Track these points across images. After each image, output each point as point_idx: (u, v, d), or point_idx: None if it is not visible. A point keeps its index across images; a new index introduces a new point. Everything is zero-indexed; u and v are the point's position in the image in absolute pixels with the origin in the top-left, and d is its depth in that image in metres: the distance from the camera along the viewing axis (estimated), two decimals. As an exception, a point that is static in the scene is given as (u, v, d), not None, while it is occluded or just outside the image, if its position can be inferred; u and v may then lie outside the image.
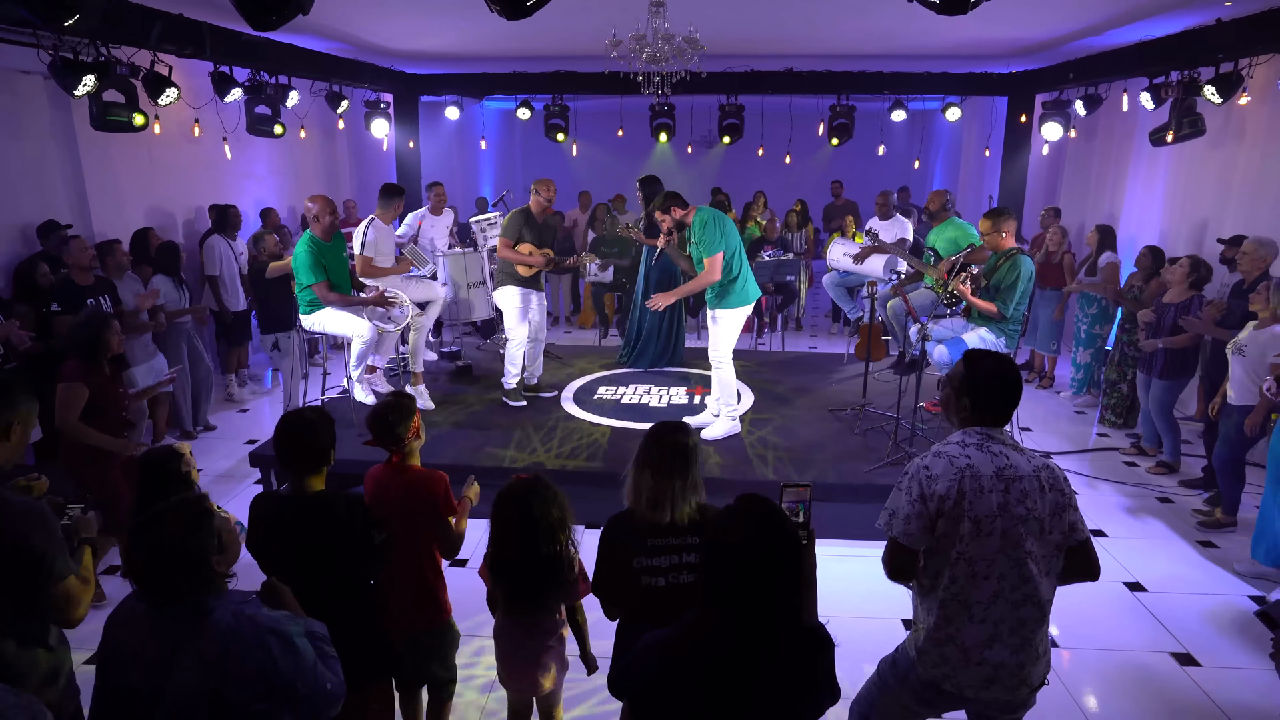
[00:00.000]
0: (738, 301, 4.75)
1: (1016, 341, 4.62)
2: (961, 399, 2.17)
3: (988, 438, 2.13)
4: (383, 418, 2.63)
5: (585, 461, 4.80)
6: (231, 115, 6.98)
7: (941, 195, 5.50)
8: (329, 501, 2.44)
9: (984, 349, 2.26)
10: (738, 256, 4.76)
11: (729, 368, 4.96)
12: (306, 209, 4.90)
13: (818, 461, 4.78)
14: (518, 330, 5.55)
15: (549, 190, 5.51)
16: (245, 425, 6.36)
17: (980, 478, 2.05)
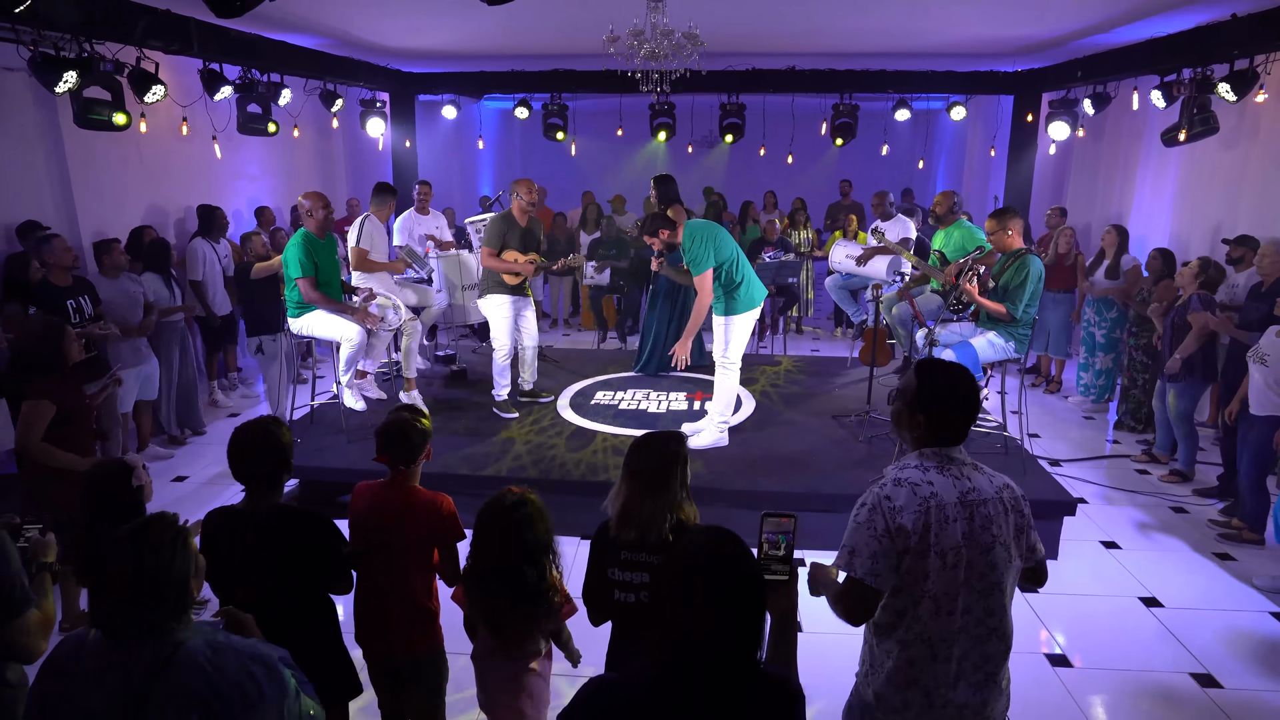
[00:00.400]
0: (743, 307, 4.65)
1: (1027, 345, 4.47)
2: (915, 416, 1.96)
3: (947, 459, 1.93)
4: (405, 435, 2.47)
5: (581, 470, 4.66)
6: (222, 114, 6.84)
7: (950, 197, 5.35)
8: (291, 516, 2.30)
9: (936, 359, 2.06)
10: (737, 263, 4.63)
11: (734, 375, 4.81)
12: (300, 205, 4.78)
13: (820, 469, 4.63)
14: (504, 341, 5.38)
15: (530, 192, 5.30)
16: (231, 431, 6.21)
17: (945, 506, 1.86)
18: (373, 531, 2.47)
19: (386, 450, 2.48)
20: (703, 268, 4.49)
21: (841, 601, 1.95)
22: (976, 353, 4.32)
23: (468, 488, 4.60)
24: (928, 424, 1.95)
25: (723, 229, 4.76)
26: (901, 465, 1.98)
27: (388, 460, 2.48)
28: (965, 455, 1.97)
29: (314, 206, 4.74)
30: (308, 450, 4.90)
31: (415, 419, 2.53)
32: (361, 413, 5.10)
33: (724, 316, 4.68)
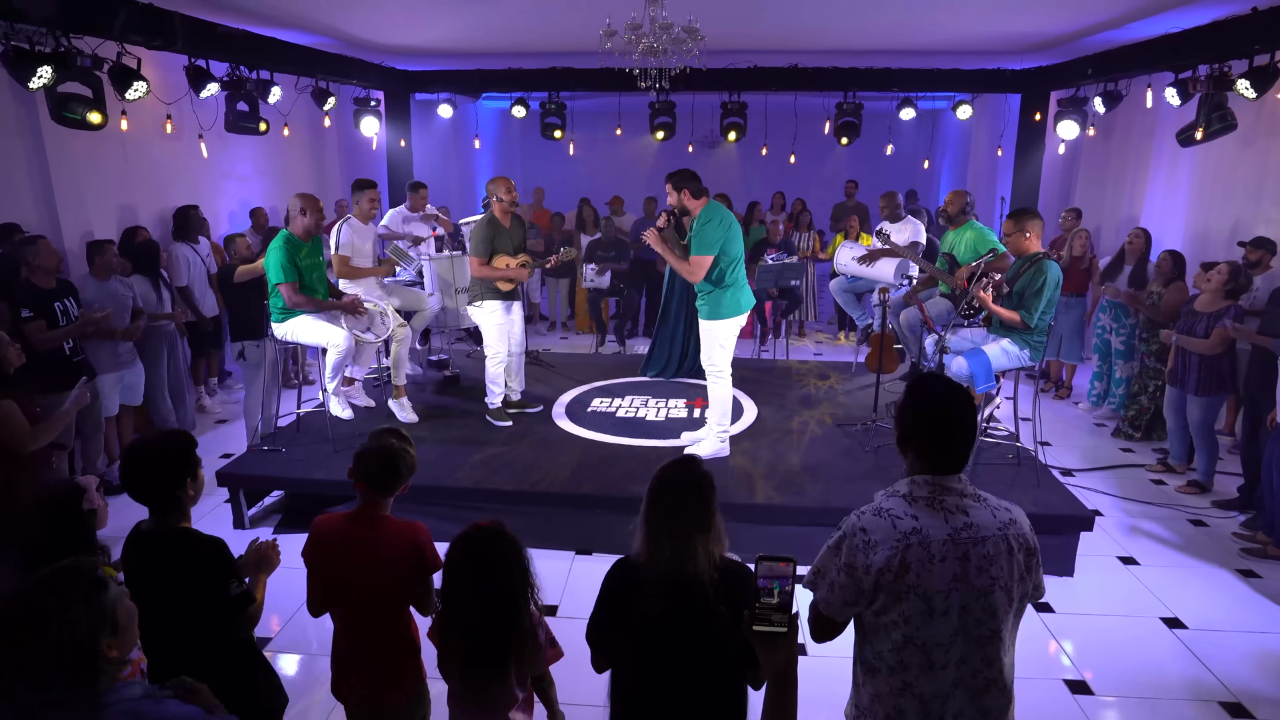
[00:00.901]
0: (730, 311, 4.43)
1: (1042, 353, 4.28)
2: (905, 438, 1.79)
3: (940, 489, 1.73)
4: (393, 465, 2.27)
5: (576, 482, 4.47)
6: (210, 112, 6.66)
7: (961, 196, 5.15)
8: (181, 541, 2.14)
9: (932, 373, 1.86)
10: (737, 266, 4.42)
11: (725, 383, 4.61)
12: (290, 205, 4.60)
13: (825, 482, 4.44)
14: (499, 347, 5.19)
15: (510, 192, 5.07)
16: (221, 438, 6.04)
17: (929, 544, 1.66)
18: (341, 571, 2.27)
19: (366, 476, 2.29)
20: (705, 251, 4.26)
21: (810, 615, 1.83)
22: (989, 361, 4.13)
23: (458, 500, 4.42)
24: (918, 448, 1.75)
25: (739, 228, 4.53)
26: (890, 492, 1.78)
27: (363, 487, 2.29)
28: (966, 484, 1.76)
29: (304, 209, 4.56)
30: (293, 460, 4.71)
31: (404, 447, 2.33)
32: (348, 421, 4.91)
33: (710, 320, 4.47)
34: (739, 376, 6.34)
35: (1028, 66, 8.77)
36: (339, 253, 5.18)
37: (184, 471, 2.16)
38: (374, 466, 2.27)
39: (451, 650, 2.06)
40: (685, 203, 4.40)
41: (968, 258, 4.97)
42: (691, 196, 4.37)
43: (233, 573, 2.18)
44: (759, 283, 7.46)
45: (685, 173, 4.43)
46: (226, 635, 2.19)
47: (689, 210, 4.41)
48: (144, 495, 2.15)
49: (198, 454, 2.25)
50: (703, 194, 4.41)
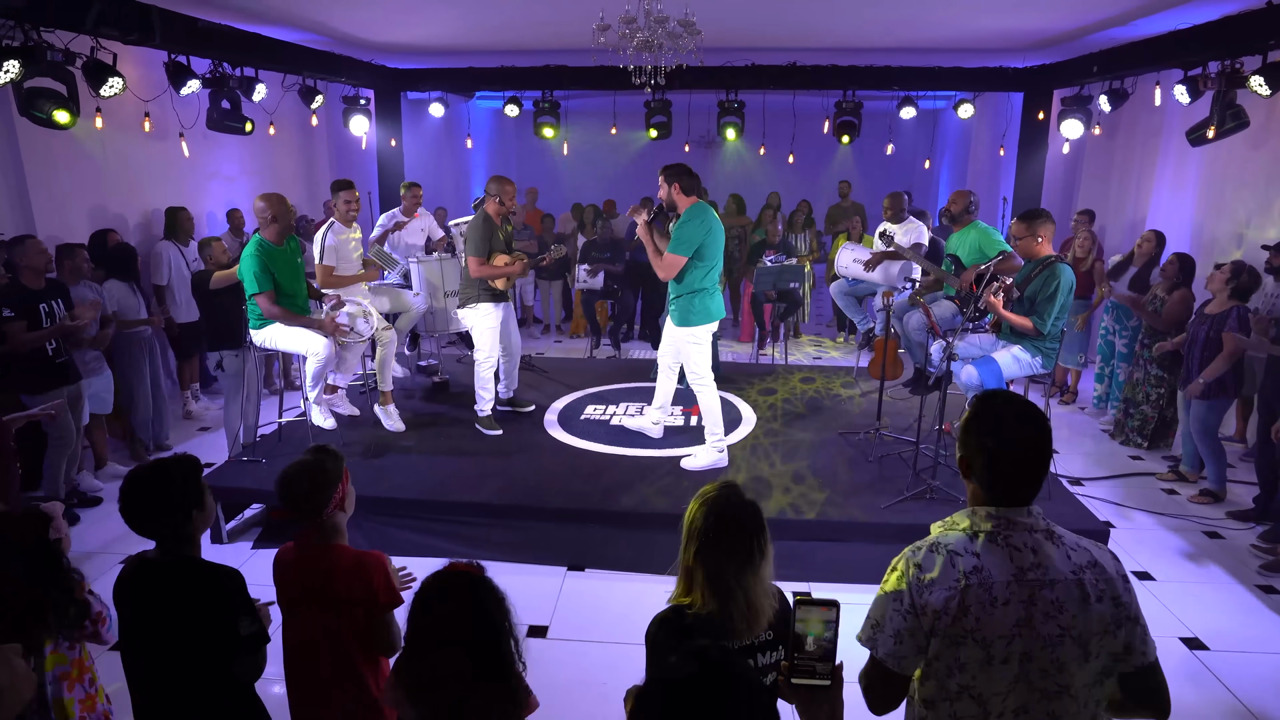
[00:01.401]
0: (700, 319, 4.32)
1: (1054, 361, 4.10)
2: (968, 462, 1.59)
3: (1007, 523, 1.54)
4: (295, 483, 2.08)
5: (570, 495, 4.28)
6: (191, 110, 6.47)
7: (965, 196, 4.98)
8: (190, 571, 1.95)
9: (1000, 391, 1.66)
10: (712, 272, 4.30)
11: (710, 390, 4.43)
12: (256, 209, 4.39)
13: (827, 493, 4.26)
14: (491, 352, 5.02)
15: (512, 198, 4.94)
16: (203, 446, 5.83)
17: (991, 585, 1.49)
18: (293, 609, 2.10)
19: (283, 504, 2.11)
20: (680, 250, 4.16)
21: (865, 681, 1.61)
22: (1000, 369, 3.95)
23: (445, 514, 4.24)
24: (985, 477, 1.56)
25: (721, 232, 4.39)
26: (949, 524, 1.60)
27: (286, 515, 2.11)
28: (1038, 518, 1.57)
29: (273, 215, 4.37)
30: (273, 471, 4.49)
31: (318, 459, 2.13)
32: (331, 431, 4.72)
33: (680, 328, 4.35)
34: (736, 382, 6.19)
35: (1030, 65, 8.61)
36: (323, 262, 4.99)
37: (188, 502, 1.99)
38: (281, 492, 2.09)
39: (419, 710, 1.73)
40: (675, 197, 4.28)
41: (973, 259, 4.80)
42: (681, 192, 4.26)
43: (246, 609, 1.99)
44: (757, 285, 7.30)
45: (680, 166, 4.32)
46: (230, 679, 2.00)
47: (676, 206, 4.30)
48: (146, 528, 1.98)
49: (203, 480, 2.07)
50: (694, 192, 4.29)
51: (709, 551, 1.72)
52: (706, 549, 1.72)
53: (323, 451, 2.18)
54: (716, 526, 1.72)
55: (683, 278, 4.26)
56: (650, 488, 4.33)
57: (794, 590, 1.55)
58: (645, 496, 4.23)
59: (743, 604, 1.70)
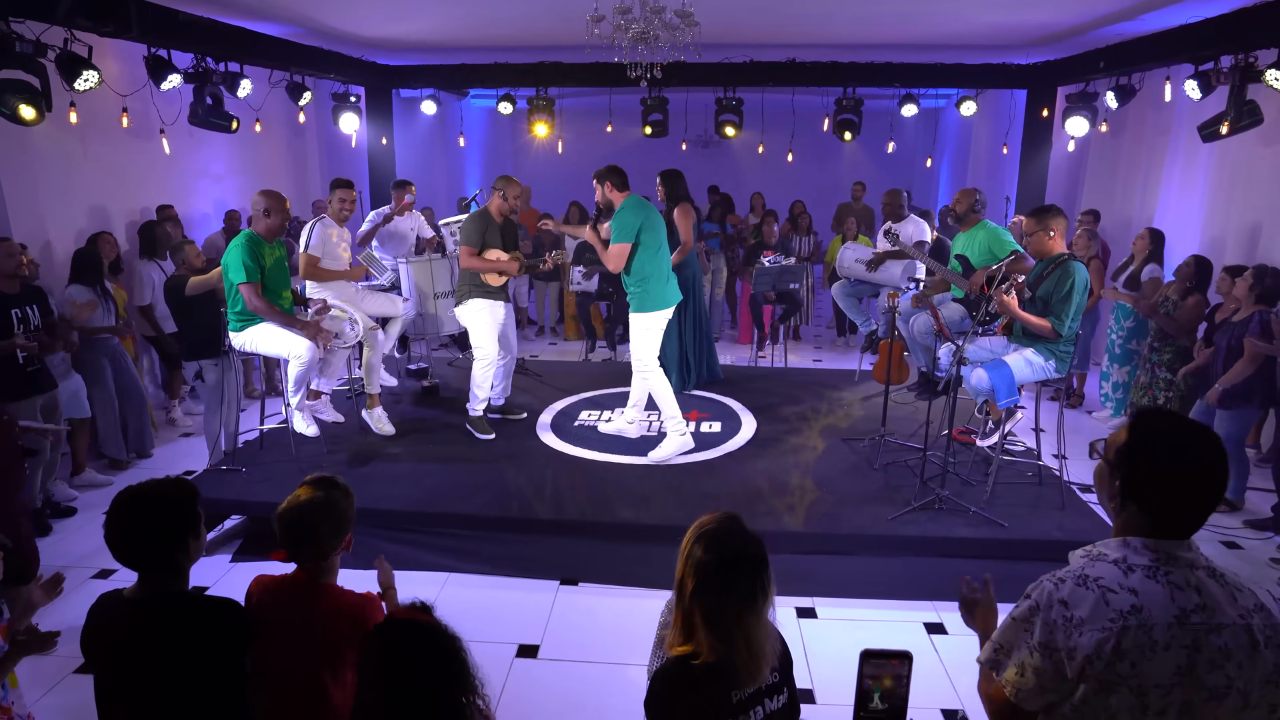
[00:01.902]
0: (656, 304, 4.50)
1: (1069, 365, 3.93)
2: (1121, 486, 1.42)
3: (1167, 558, 1.37)
4: (303, 525, 1.87)
5: (563, 506, 4.10)
6: (175, 105, 6.26)
7: (970, 195, 4.81)
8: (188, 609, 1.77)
9: (1160, 409, 1.49)
10: (657, 257, 4.46)
11: (657, 377, 4.58)
12: (253, 204, 4.23)
13: (833, 504, 4.08)
14: (489, 348, 4.88)
15: (515, 192, 4.86)
16: (185, 454, 5.64)
17: (1151, 628, 1.32)
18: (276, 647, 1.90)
19: (285, 545, 1.91)
20: (621, 239, 4.40)
21: (985, 701, 1.49)
22: (1012, 373, 3.78)
23: (432, 526, 4.06)
24: (1148, 504, 1.39)
25: (660, 220, 4.58)
26: (1096, 554, 1.42)
27: (284, 558, 1.92)
28: (1199, 554, 1.40)
29: (268, 209, 4.20)
30: (254, 481, 4.34)
31: (330, 497, 1.93)
32: (315, 438, 4.53)
33: (639, 313, 4.53)
34: (735, 386, 6.01)
35: (1034, 61, 8.45)
36: (307, 251, 4.80)
37: (183, 529, 1.80)
38: (291, 531, 1.89)
39: None
40: (609, 195, 4.51)
41: (981, 260, 4.63)
42: (615, 189, 4.49)
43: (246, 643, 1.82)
44: (756, 286, 7.13)
45: (610, 168, 4.53)
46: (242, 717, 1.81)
47: (613, 204, 4.51)
48: (133, 558, 1.79)
49: (199, 507, 1.89)
50: (626, 188, 4.53)
51: (709, 592, 1.55)
52: (706, 589, 1.55)
53: (332, 486, 1.96)
54: (718, 564, 1.55)
55: (631, 267, 4.46)
56: (647, 497, 4.15)
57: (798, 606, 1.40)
58: (642, 507, 4.05)
59: (745, 649, 1.53)
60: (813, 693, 3.17)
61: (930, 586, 3.83)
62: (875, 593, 3.83)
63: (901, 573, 3.84)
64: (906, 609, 3.77)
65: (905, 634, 3.60)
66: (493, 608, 3.79)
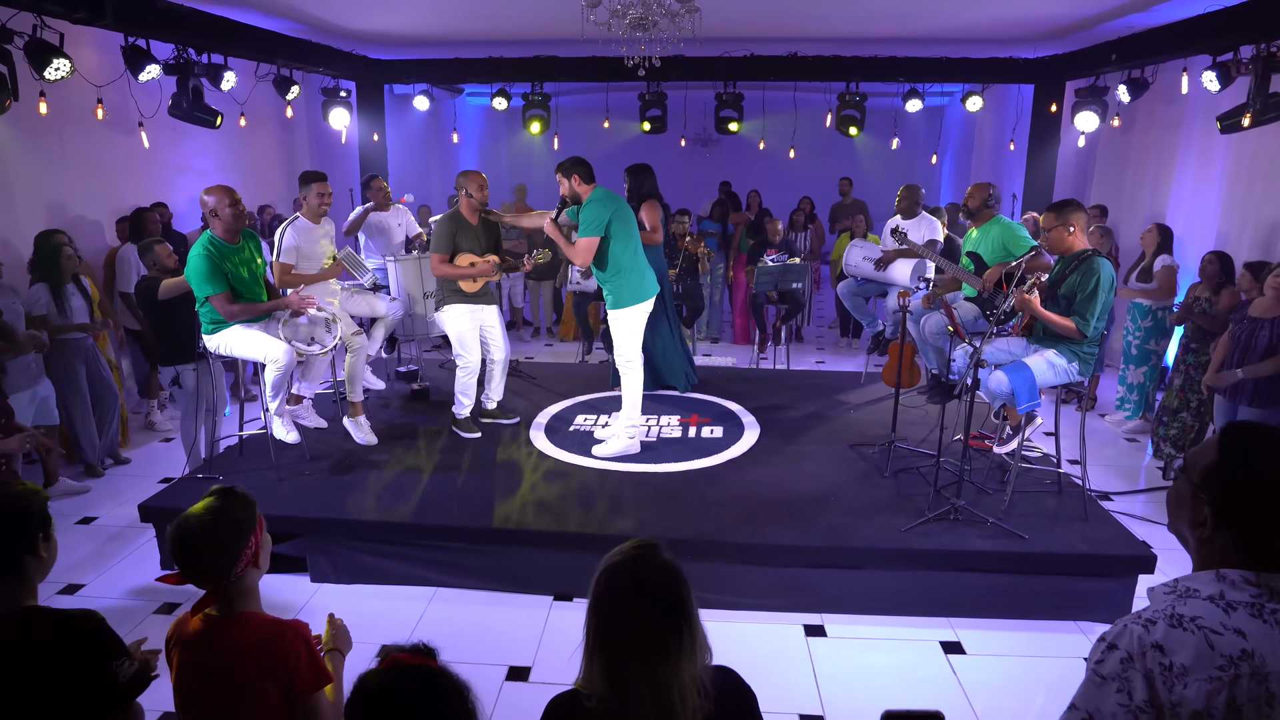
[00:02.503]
0: (633, 299, 4.35)
1: (1093, 367, 3.71)
2: (1207, 512, 1.23)
3: (1270, 593, 1.17)
4: (192, 541, 1.65)
5: (556, 517, 3.87)
6: (153, 98, 6.04)
7: (984, 189, 4.59)
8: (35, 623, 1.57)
9: (1250, 422, 1.30)
10: (628, 248, 4.31)
11: (637, 374, 4.44)
12: (203, 203, 3.98)
13: (841, 515, 3.85)
14: (470, 355, 4.69)
15: (481, 190, 4.65)
16: (162, 459, 5.42)
17: (1268, 676, 1.11)
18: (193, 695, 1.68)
19: (178, 565, 1.69)
20: (588, 232, 4.24)
21: None
22: (1034, 375, 3.56)
23: (417, 539, 3.83)
24: (1249, 533, 1.19)
25: (630, 211, 4.39)
26: (1184, 590, 1.21)
27: (176, 580, 1.69)
28: None
29: (216, 206, 3.95)
30: (230, 490, 4.10)
31: (222, 508, 1.70)
32: (295, 445, 4.30)
33: (616, 310, 4.39)
34: (737, 389, 5.80)
35: (1041, 55, 8.26)
36: (281, 259, 4.57)
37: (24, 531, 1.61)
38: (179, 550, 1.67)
39: None
40: (576, 188, 4.35)
41: (995, 257, 4.42)
42: (581, 182, 4.34)
43: (118, 650, 1.62)
44: (757, 285, 6.91)
45: (574, 159, 4.40)
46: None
47: (579, 197, 4.35)
48: None
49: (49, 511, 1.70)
50: (593, 181, 4.38)
51: (606, 634, 1.33)
52: (603, 632, 1.34)
53: (228, 496, 1.74)
54: (614, 603, 1.34)
55: (604, 261, 4.30)
56: (646, 507, 3.93)
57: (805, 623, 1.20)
58: (641, 517, 3.83)
59: (650, 704, 1.29)
60: (823, 719, 2.96)
61: (946, 602, 3.61)
62: (888, 609, 3.62)
63: (915, 587, 3.62)
64: (921, 626, 3.56)
65: (920, 653, 3.38)
66: (481, 626, 3.57)
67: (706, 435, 4.86)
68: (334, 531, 3.86)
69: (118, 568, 4.01)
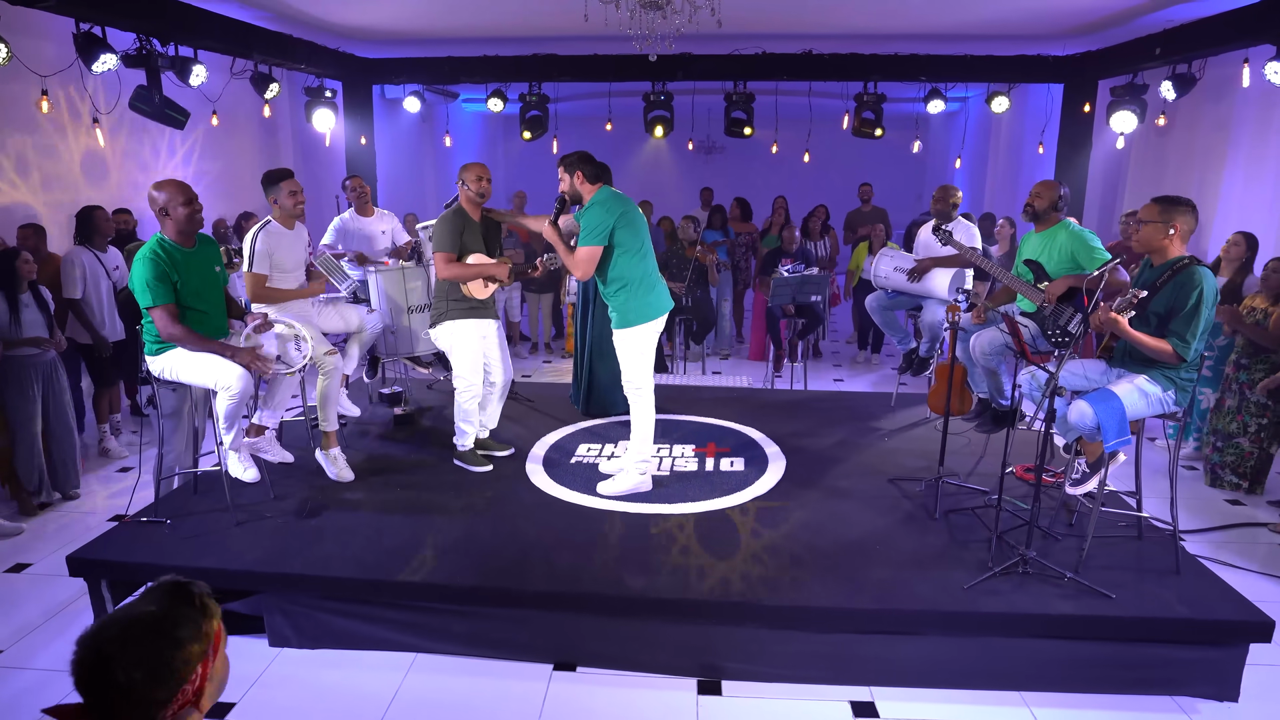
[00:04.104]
0: (640, 317, 3.79)
1: (1189, 395, 3.16)
2: None
3: None
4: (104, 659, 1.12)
5: (557, 571, 3.30)
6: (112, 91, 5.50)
7: (1054, 188, 4.03)
8: None
9: None
10: (639, 260, 3.76)
11: (648, 402, 3.87)
12: (151, 200, 3.43)
13: (889, 569, 3.29)
14: (471, 377, 4.10)
15: (479, 180, 4.05)
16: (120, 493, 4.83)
17: None
18: None
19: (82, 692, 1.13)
20: (591, 241, 3.69)
21: None
22: (1124, 406, 3.01)
23: (399, 596, 3.26)
24: None
25: (640, 216, 3.81)
26: None
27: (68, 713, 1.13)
28: None
29: (166, 204, 3.40)
30: (179, 538, 3.52)
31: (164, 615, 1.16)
32: (256, 484, 3.73)
33: (621, 330, 3.82)
34: (755, 413, 5.25)
35: (1071, 53, 7.77)
36: (253, 270, 4.01)
37: None
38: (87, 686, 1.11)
39: None
40: (578, 187, 3.80)
41: (1060, 267, 3.87)
42: (584, 180, 3.79)
43: None
44: (773, 298, 6.37)
45: (580, 154, 3.85)
46: None
47: (581, 197, 3.82)
48: None
49: None
50: (600, 180, 3.82)
51: None
52: None
53: (176, 596, 1.20)
54: None
55: (608, 273, 3.77)
56: (661, 559, 3.36)
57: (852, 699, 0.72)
58: (655, 571, 3.27)
59: None
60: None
61: (1018, 673, 3.05)
62: (950, 681, 3.05)
63: (982, 656, 3.06)
64: (990, 701, 2.99)
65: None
66: (469, 700, 3.01)
67: (726, 468, 4.30)
68: (298, 586, 3.29)
69: (43, 631, 3.43)
